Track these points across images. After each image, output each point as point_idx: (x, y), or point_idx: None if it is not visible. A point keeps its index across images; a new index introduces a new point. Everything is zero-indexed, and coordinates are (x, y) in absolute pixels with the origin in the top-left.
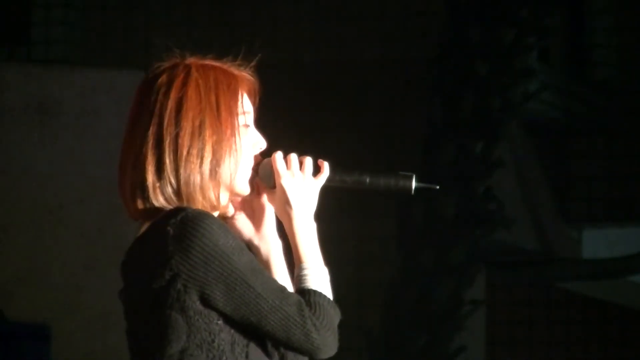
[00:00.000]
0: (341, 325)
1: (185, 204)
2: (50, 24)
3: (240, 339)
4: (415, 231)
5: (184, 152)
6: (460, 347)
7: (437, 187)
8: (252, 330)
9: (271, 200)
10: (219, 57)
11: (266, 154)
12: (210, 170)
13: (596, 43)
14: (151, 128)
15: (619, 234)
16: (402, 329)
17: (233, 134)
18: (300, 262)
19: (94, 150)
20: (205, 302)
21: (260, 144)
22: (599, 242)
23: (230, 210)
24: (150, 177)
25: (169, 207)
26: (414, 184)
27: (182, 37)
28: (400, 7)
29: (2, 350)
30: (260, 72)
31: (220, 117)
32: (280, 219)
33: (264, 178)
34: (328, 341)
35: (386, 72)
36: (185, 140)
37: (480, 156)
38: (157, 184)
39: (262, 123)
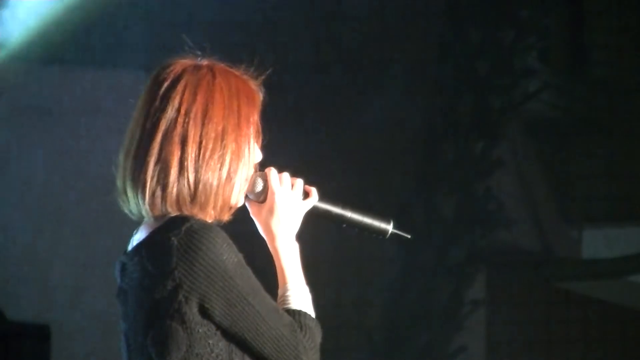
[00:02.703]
0: (341, 325)
1: (195, 210)
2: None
3: (236, 349)
4: (415, 231)
5: (207, 155)
6: (460, 347)
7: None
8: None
9: (256, 213)
10: (219, 57)
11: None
12: (227, 177)
13: (596, 43)
14: (177, 127)
15: (619, 234)
16: (402, 329)
17: (248, 145)
18: (284, 282)
19: (94, 150)
20: (204, 314)
21: (259, 156)
22: (599, 242)
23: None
24: (174, 173)
25: (175, 212)
26: (390, 229)
27: (182, 37)
28: (400, 7)
29: (2, 350)
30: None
31: (240, 126)
32: (263, 233)
33: (252, 192)
34: None
35: (386, 72)
36: (208, 143)
37: (480, 156)
38: (176, 182)
39: (262, 123)
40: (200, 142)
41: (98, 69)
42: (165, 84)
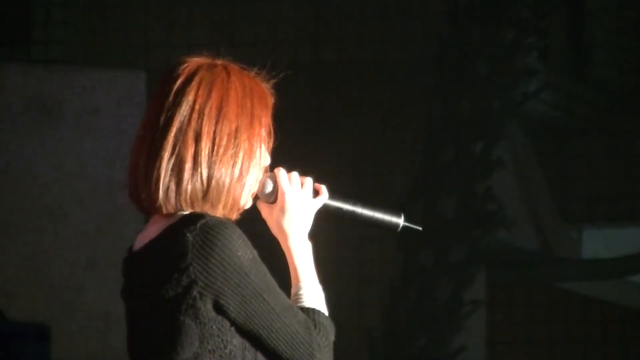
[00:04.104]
0: (341, 325)
1: (206, 207)
2: (50, 24)
3: (249, 346)
4: (415, 231)
5: (220, 151)
6: (460, 347)
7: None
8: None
9: (267, 215)
10: (218, 57)
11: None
12: (238, 176)
13: (596, 43)
14: (191, 123)
15: (619, 234)
16: (402, 329)
17: (259, 146)
18: (297, 280)
19: (94, 150)
20: (219, 310)
21: (267, 160)
22: (599, 242)
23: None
24: (188, 168)
25: (188, 209)
26: (401, 223)
27: (182, 37)
28: (400, 7)
29: (2, 350)
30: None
31: (253, 126)
32: (276, 234)
33: (262, 193)
34: None
35: (386, 72)
36: (222, 140)
37: (480, 156)
38: (190, 178)
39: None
40: (214, 139)
41: (98, 69)
42: (180, 80)
